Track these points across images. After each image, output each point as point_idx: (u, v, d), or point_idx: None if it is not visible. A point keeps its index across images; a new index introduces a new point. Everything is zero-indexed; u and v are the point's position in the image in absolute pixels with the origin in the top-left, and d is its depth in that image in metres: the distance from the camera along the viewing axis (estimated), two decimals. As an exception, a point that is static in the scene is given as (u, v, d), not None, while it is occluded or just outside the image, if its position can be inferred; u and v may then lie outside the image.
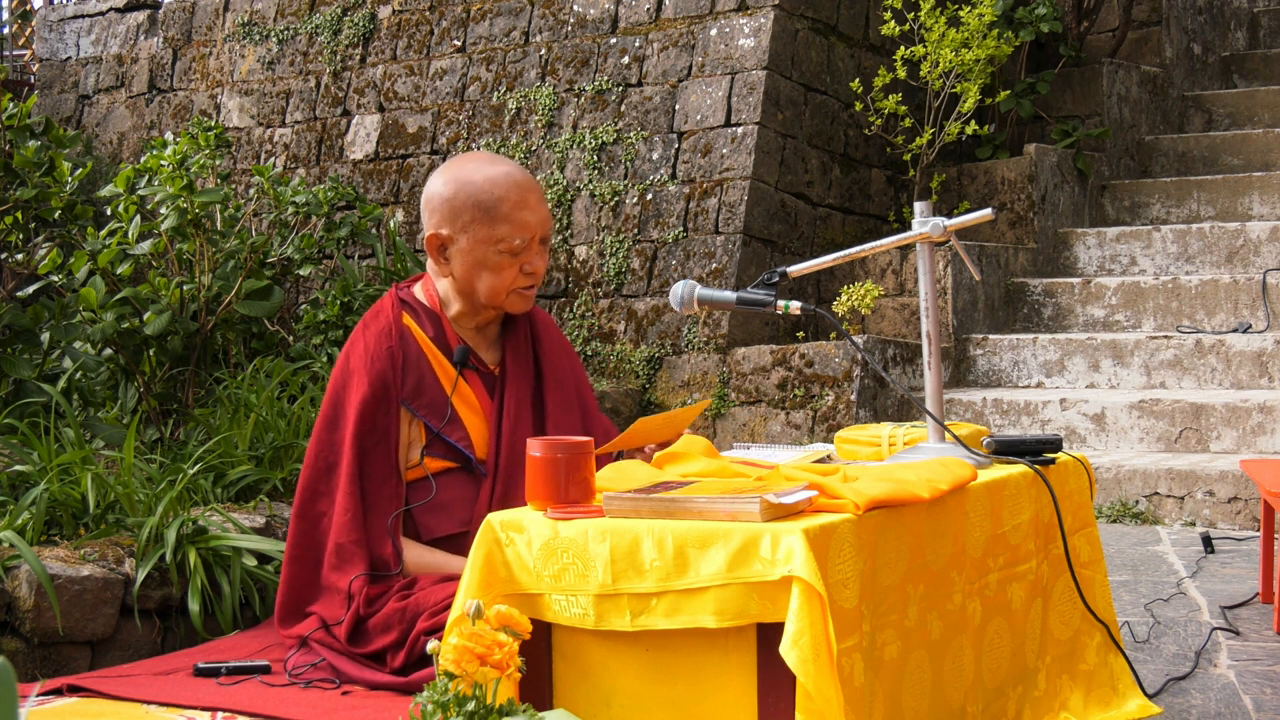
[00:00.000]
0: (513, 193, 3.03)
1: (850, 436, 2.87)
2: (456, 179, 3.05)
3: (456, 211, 3.03)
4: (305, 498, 3.08)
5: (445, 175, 3.08)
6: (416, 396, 3.05)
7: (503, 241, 3.02)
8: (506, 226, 3.02)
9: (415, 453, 3.05)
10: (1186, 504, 5.07)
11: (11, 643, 3.18)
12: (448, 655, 1.92)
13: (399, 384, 3.04)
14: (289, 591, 3.08)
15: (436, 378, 3.07)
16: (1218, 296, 6.31)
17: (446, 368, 3.08)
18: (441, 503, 3.04)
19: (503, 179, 3.04)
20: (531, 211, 3.04)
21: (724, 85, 6.57)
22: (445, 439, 3.04)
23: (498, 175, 3.04)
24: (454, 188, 3.04)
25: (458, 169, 3.07)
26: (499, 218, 3.01)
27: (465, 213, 3.02)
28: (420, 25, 7.54)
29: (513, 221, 3.02)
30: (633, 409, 6.25)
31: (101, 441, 4.56)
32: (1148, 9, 8.04)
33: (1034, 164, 6.99)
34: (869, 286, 6.00)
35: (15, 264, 5.49)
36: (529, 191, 3.05)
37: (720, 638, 2.17)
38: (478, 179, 3.03)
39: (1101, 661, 2.91)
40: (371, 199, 7.37)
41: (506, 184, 3.03)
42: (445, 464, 3.06)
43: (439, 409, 3.05)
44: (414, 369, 3.06)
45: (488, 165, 3.07)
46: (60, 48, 9.10)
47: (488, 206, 3.01)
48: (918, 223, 2.79)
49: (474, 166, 3.07)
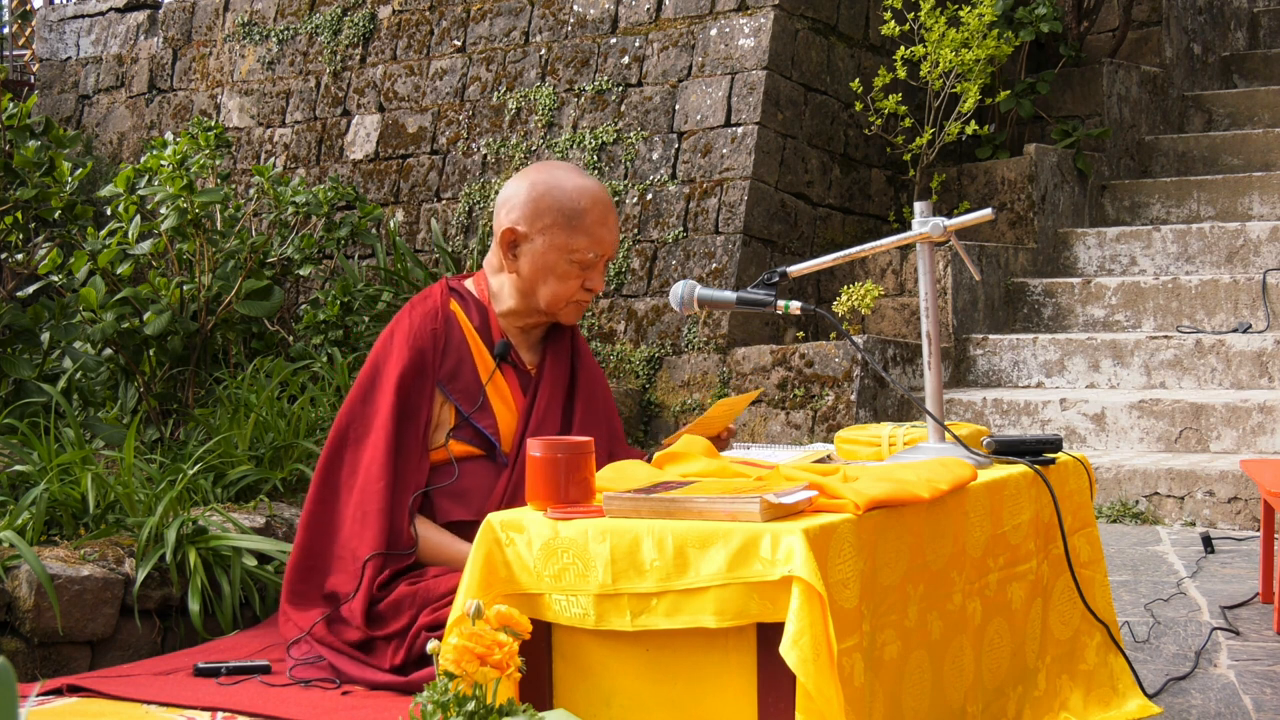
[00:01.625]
0: (598, 208, 3.07)
1: (850, 436, 2.87)
2: (546, 181, 3.08)
3: (539, 213, 3.06)
4: (329, 466, 3.11)
5: (532, 177, 3.11)
6: (453, 380, 3.08)
7: (577, 252, 3.06)
8: (585, 239, 3.06)
9: (441, 435, 3.08)
10: (1186, 504, 5.07)
11: (11, 643, 3.18)
12: (448, 655, 1.92)
13: (437, 364, 3.08)
14: (302, 558, 3.08)
15: (474, 365, 3.11)
16: (1218, 296, 6.31)
17: (485, 358, 3.13)
18: (460, 489, 3.06)
19: (590, 192, 3.08)
20: (609, 230, 3.10)
21: (724, 85, 6.57)
22: (474, 424, 3.08)
23: (587, 187, 3.08)
24: (542, 189, 3.07)
25: (547, 173, 3.11)
26: (580, 229, 3.06)
27: (548, 215, 3.06)
28: (420, 25, 7.54)
29: (592, 235, 3.07)
30: (633, 409, 6.25)
31: (101, 441, 4.56)
32: (1148, 9, 8.04)
33: (1034, 164, 7.00)
34: (869, 286, 6.00)
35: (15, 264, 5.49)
36: (610, 211, 3.11)
37: (720, 638, 2.17)
38: (567, 186, 3.07)
39: (1101, 661, 2.91)
40: (371, 199, 7.37)
41: (594, 197, 3.07)
42: (469, 449, 3.09)
43: (472, 395, 3.09)
44: (454, 353, 3.10)
45: (576, 176, 3.11)
46: (60, 48, 9.10)
47: (571, 215, 3.05)
48: (918, 223, 2.79)
49: (564, 174, 3.11)
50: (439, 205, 7.22)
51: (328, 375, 5.17)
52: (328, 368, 5.30)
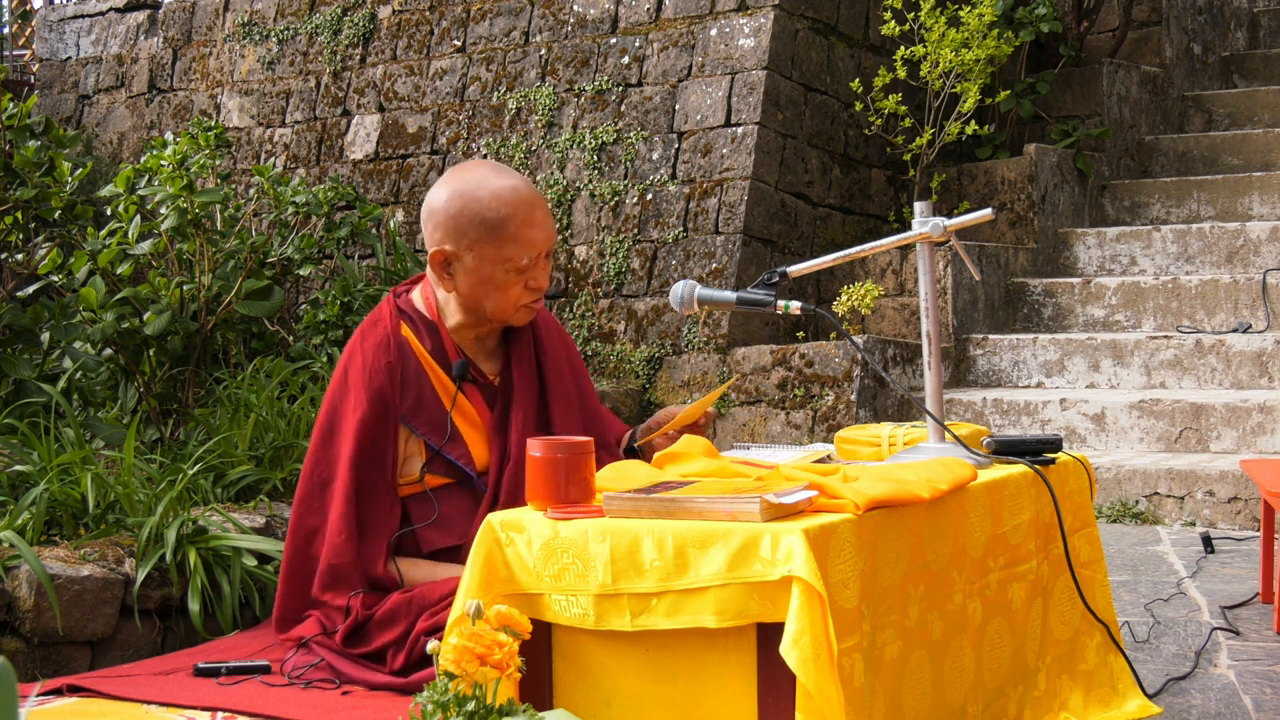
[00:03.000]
0: (520, 210, 2.94)
1: (850, 436, 2.87)
2: (461, 193, 2.95)
3: (462, 229, 2.94)
4: (299, 512, 3.05)
5: (449, 188, 2.98)
6: (416, 414, 2.99)
7: (510, 261, 2.94)
8: (514, 246, 2.94)
9: (415, 468, 3.00)
10: (1186, 504, 5.07)
11: (11, 643, 3.18)
12: (448, 655, 1.92)
13: (398, 401, 2.98)
14: (285, 605, 3.06)
15: (436, 393, 3.02)
16: (1218, 296, 6.31)
17: (445, 382, 3.02)
18: (440, 516, 3.01)
19: (509, 195, 2.94)
20: (539, 228, 2.96)
21: (724, 85, 6.57)
22: (446, 457, 3.00)
23: (504, 191, 2.94)
24: (459, 203, 2.94)
25: (461, 181, 2.97)
26: (507, 237, 2.93)
27: (471, 231, 2.93)
28: (420, 25, 7.54)
29: (520, 241, 2.94)
30: (633, 409, 6.25)
31: (101, 441, 4.56)
32: (1148, 9, 8.04)
33: (1034, 164, 7.00)
34: (869, 286, 6.00)
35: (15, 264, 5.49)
36: (536, 208, 2.96)
37: (720, 638, 2.17)
38: (483, 195, 2.93)
39: (1101, 661, 2.91)
40: (371, 199, 7.37)
41: (514, 201, 2.94)
42: (444, 479, 3.03)
43: (439, 426, 3.00)
44: (413, 384, 3.00)
45: (493, 178, 2.97)
46: (60, 48, 9.10)
47: (494, 225, 2.93)
48: (918, 223, 2.79)
49: (478, 180, 2.96)
50: (439, 205, 7.21)
51: (328, 375, 5.17)
52: (328, 368, 5.30)
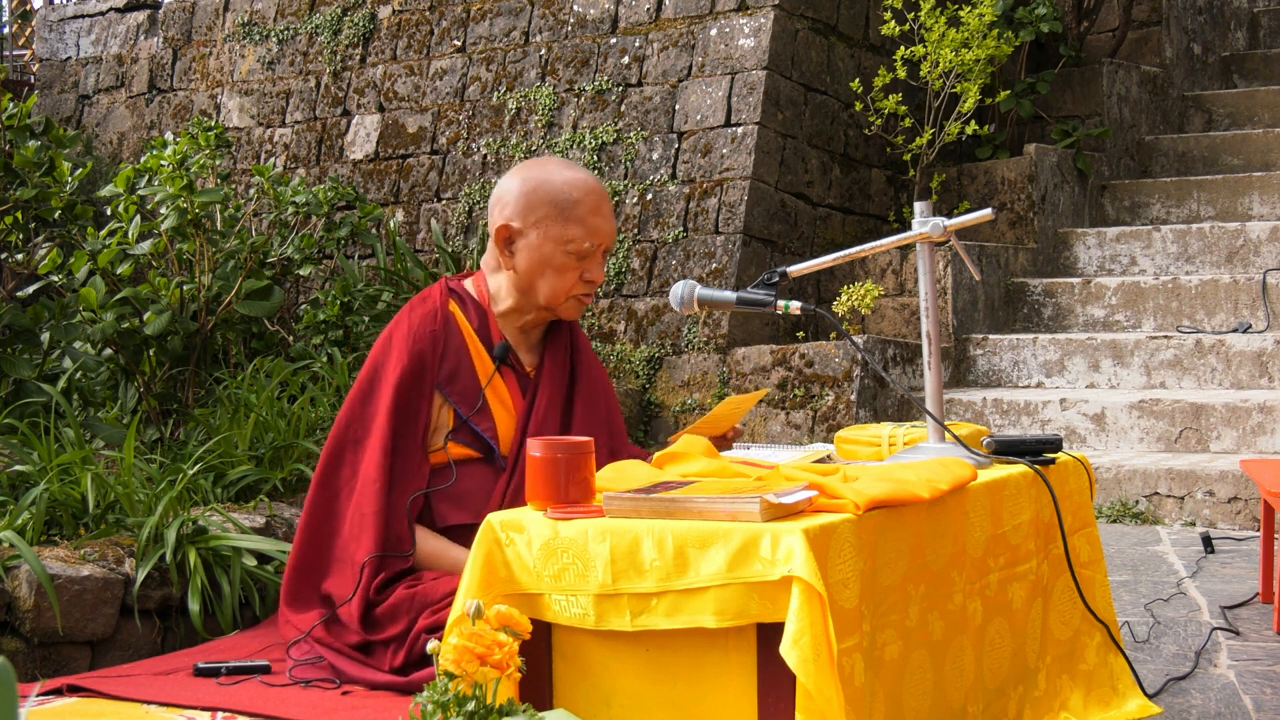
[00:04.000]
0: (590, 197, 3.07)
1: (850, 436, 2.87)
2: (536, 176, 3.08)
3: (532, 206, 3.05)
4: (328, 468, 3.10)
5: (523, 173, 3.11)
6: (451, 382, 3.07)
7: (573, 243, 3.05)
8: (579, 229, 3.05)
9: (440, 438, 3.07)
10: (1186, 504, 5.07)
11: (11, 643, 3.18)
12: (448, 655, 1.92)
13: (436, 367, 3.07)
14: (301, 560, 3.08)
15: (473, 368, 3.10)
16: (1218, 296, 6.31)
17: (485, 360, 3.11)
18: (458, 492, 3.06)
19: (581, 183, 3.07)
20: (604, 219, 3.09)
21: (724, 85, 6.57)
22: (473, 427, 3.06)
23: (577, 179, 3.08)
24: (533, 184, 3.07)
25: (538, 168, 3.11)
26: (573, 219, 3.05)
27: (541, 208, 3.05)
28: (420, 25, 7.54)
29: (586, 225, 3.06)
30: (633, 409, 6.25)
31: (101, 441, 4.56)
32: (1148, 9, 8.04)
33: (1034, 164, 6.99)
34: (869, 286, 6.00)
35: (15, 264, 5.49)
36: (604, 200, 3.10)
37: (720, 638, 2.17)
38: (557, 179, 3.07)
39: (1101, 661, 2.91)
40: (371, 199, 7.37)
41: (585, 188, 3.07)
42: (468, 452, 3.08)
43: (471, 398, 3.08)
44: (453, 355, 3.09)
45: (567, 169, 3.11)
46: (60, 48, 9.10)
47: (564, 206, 3.05)
48: (918, 223, 2.79)
49: (554, 168, 3.11)
50: (439, 205, 7.22)
51: (328, 375, 5.17)
52: (328, 368, 5.30)
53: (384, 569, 2.98)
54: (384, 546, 2.97)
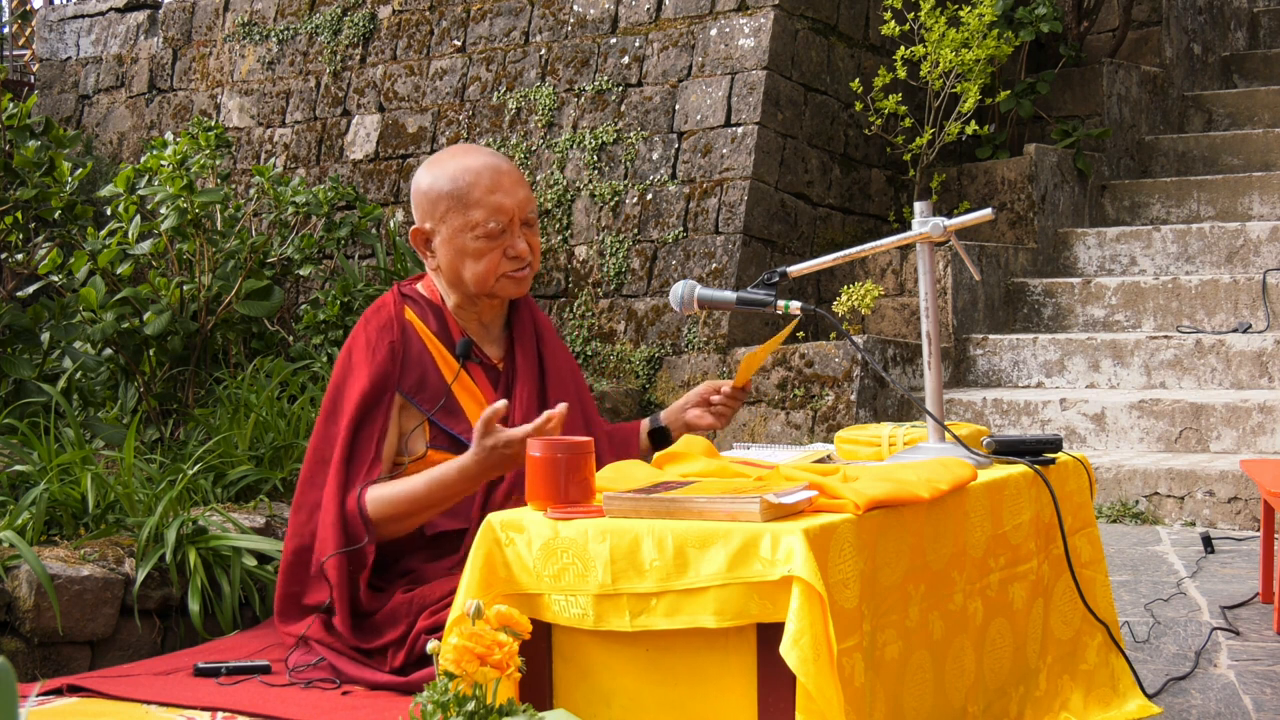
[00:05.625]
0: (484, 177, 3.04)
1: (850, 436, 2.87)
2: (432, 173, 3.09)
3: (433, 203, 3.06)
4: (302, 489, 3.10)
5: (425, 170, 3.12)
6: (420, 390, 3.05)
7: (478, 227, 3.03)
8: (480, 211, 3.03)
9: (420, 445, 3.05)
10: (1186, 504, 5.07)
11: (11, 643, 3.18)
12: (448, 655, 1.92)
13: (398, 376, 3.04)
14: (287, 582, 3.08)
15: (439, 371, 3.08)
16: (1218, 296, 6.31)
17: (449, 360, 3.09)
18: None
19: (475, 165, 3.06)
20: (505, 194, 3.05)
21: (724, 85, 6.57)
22: (447, 430, 3.03)
23: (470, 163, 3.07)
24: (429, 180, 3.08)
25: (436, 163, 3.11)
26: (471, 203, 3.03)
27: (441, 203, 3.05)
28: (420, 25, 7.54)
29: (485, 205, 3.03)
30: (633, 409, 6.25)
31: (101, 441, 4.56)
32: (1148, 9, 8.04)
33: (1034, 164, 6.99)
34: (869, 286, 6.00)
35: (15, 264, 5.49)
36: (502, 175, 3.06)
37: (720, 638, 2.17)
38: (451, 169, 3.06)
39: (1102, 661, 2.91)
40: (371, 199, 7.36)
41: (478, 169, 3.05)
42: (449, 457, 3.05)
43: (440, 400, 3.05)
44: (416, 364, 3.06)
45: (463, 155, 3.09)
46: (60, 48, 9.10)
47: (460, 194, 3.04)
48: (918, 223, 2.79)
49: (449, 158, 3.10)
50: (439, 205, 7.21)
51: (327, 375, 5.17)
52: (328, 368, 5.30)
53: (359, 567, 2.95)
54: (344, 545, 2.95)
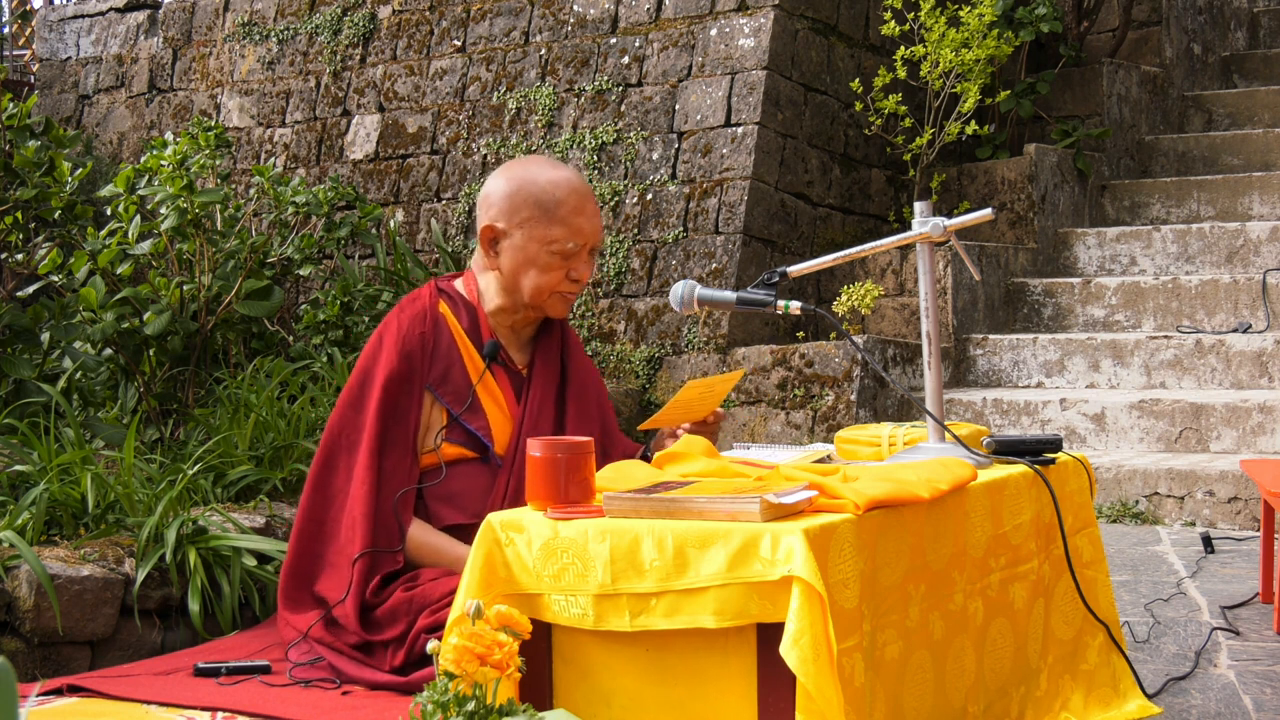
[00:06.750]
0: (573, 198, 3.08)
1: (850, 436, 2.87)
2: (519, 177, 3.10)
3: (516, 207, 3.07)
4: (322, 472, 3.11)
5: (507, 173, 3.13)
6: (443, 382, 3.09)
7: (555, 243, 3.07)
8: (562, 229, 3.07)
9: (434, 438, 3.08)
10: (1186, 504, 5.07)
11: (11, 643, 3.18)
12: (448, 655, 1.92)
13: (426, 368, 3.08)
14: (295, 563, 3.09)
15: (464, 367, 3.12)
16: (1218, 296, 6.31)
17: (475, 359, 3.13)
18: (454, 492, 3.06)
19: (564, 183, 3.09)
20: (588, 219, 3.10)
21: (724, 85, 6.56)
22: (465, 425, 3.07)
23: (560, 179, 3.09)
24: (516, 184, 3.09)
25: (521, 168, 3.13)
26: (556, 219, 3.06)
27: (524, 209, 3.07)
28: (420, 25, 7.54)
29: (569, 225, 3.07)
30: (633, 409, 6.25)
31: (101, 441, 4.56)
32: (1148, 9, 8.03)
33: (1034, 164, 6.99)
34: (869, 286, 6.00)
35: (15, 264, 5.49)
36: (588, 200, 3.11)
37: (720, 638, 2.17)
38: (541, 179, 3.08)
39: (1103, 661, 2.91)
40: (371, 199, 7.36)
41: (568, 188, 3.08)
42: (463, 452, 3.09)
43: (463, 397, 3.09)
44: (444, 357, 3.10)
45: (550, 168, 3.12)
46: (60, 48, 9.10)
47: (547, 206, 3.06)
48: (918, 223, 2.79)
49: (537, 168, 3.12)
50: (439, 205, 7.22)
51: (328, 375, 5.17)
52: (328, 368, 5.30)
53: (377, 568, 2.98)
54: (374, 546, 2.98)
